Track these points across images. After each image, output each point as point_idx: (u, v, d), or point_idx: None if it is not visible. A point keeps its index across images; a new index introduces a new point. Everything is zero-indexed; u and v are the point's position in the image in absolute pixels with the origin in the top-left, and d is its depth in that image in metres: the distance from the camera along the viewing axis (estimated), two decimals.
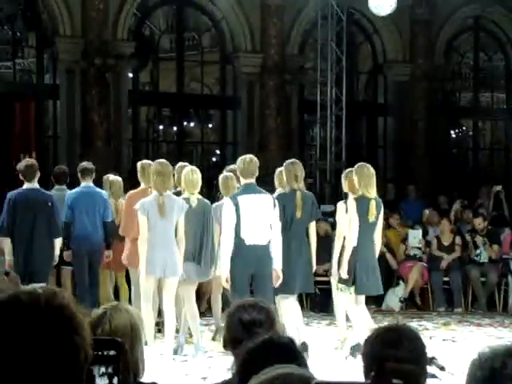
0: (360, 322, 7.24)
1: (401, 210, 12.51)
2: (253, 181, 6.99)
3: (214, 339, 7.91)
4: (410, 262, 11.17)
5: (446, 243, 11.27)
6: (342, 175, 7.82)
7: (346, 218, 7.31)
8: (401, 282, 11.14)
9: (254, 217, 6.82)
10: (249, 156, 7.21)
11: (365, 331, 6.28)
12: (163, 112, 21.63)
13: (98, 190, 8.70)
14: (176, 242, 7.02)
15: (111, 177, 9.35)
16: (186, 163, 7.96)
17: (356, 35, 16.54)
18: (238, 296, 6.17)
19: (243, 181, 7.04)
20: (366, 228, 7.22)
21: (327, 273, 10.91)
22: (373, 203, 7.24)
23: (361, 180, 7.27)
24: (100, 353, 1.35)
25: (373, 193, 7.26)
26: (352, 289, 7.31)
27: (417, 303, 11.14)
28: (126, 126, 14.05)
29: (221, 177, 7.80)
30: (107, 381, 1.38)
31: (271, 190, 7.77)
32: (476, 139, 17.98)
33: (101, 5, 13.01)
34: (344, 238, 7.41)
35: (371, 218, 7.24)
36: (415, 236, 11.31)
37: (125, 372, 1.39)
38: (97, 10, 12.98)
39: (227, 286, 6.90)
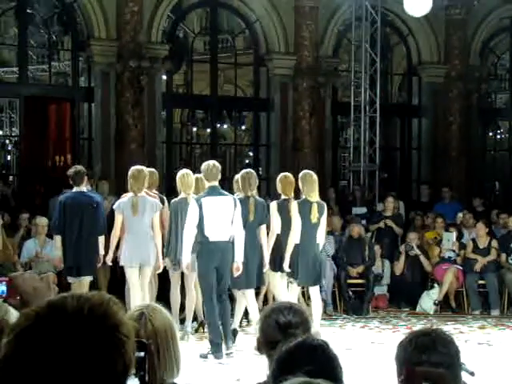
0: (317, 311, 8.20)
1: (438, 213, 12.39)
2: (216, 184, 7.74)
3: (197, 331, 8.74)
4: (444, 264, 11.08)
5: (481, 246, 11.15)
6: (278, 178, 8.65)
7: (277, 217, 8.30)
8: (435, 284, 11.05)
9: (217, 216, 7.58)
10: (212, 162, 7.95)
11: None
12: (197, 114, 21.79)
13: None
14: (151, 237, 8.08)
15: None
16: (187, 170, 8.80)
17: (390, 37, 16.45)
18: (207, 287, 7.51)
19: (207, 184, 7.79)
20: (308, 228, 8.20)
21: (361, 275, 10.89)
22: (315, 206, 8.26)
23: (304, 186, 8.31)
24: None
25: (315, 197, 8.29)
26: (297, 281, 8.38)
27: (451, 306, 11.03)
28: (159, 129, 14.14)
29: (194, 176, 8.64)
30: (138, 382, 1.38)
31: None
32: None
33: (135, 7, 13.11)
34: (278, 235, 8.39)
35: (313, 220, 8.23)
36: (449, 238, 11.21)
37: (152, 373, 1.39)
38: (131, 12, 13.08)
39: (187, 272, 7.89)
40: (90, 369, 1.27)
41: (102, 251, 8.48)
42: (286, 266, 8.26)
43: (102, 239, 8.52)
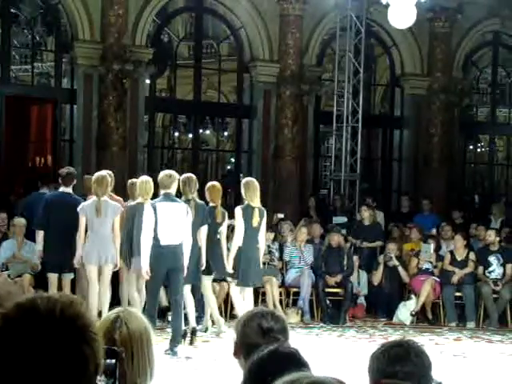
0: (241, 309, 8.47)
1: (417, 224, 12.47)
2: (170, 191, 8.19)
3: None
4: (422, 276, 11.14)
5: (459, 258, 11.23)
6: (207, 187, 9.28)
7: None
8: (412, 295, 11.11)
9: (169, 221, 8.06)
10: (169, 171, 8.45)
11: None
12: (179, 119, 21.77)
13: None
14: (112, 238, 8.69)
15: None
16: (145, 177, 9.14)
17: (374, 47, 16.55)
18: (154, 287, 8.14)
19: (162, 191, 8.23)
20: (250, 231, 8.73)
21: (339, 284, 10.92)
22: (256, 211, 8.75)
23: (246, 192, 8.82)
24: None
25: (256, 202, 8.78)
26: (236, 281, 8.87)
27: (428, 317, 11.09)
28: (141, 133, 14.12)
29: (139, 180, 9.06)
30: None
31: None
32: (492, 154, 17.90)
33: (120, 10, 13.09)
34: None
35: (254, 224, 8.75)
36: (427, 250, 11.28)
37: (124, 379, 1.41)
38: (116, 15, 13.06)
39: (147, 277, 8.13)
40: (65, 369, 1.28)
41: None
42: (229, 267, 8.85)
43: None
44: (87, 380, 1.31)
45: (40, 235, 9.14)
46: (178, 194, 8.59)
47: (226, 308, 10.25)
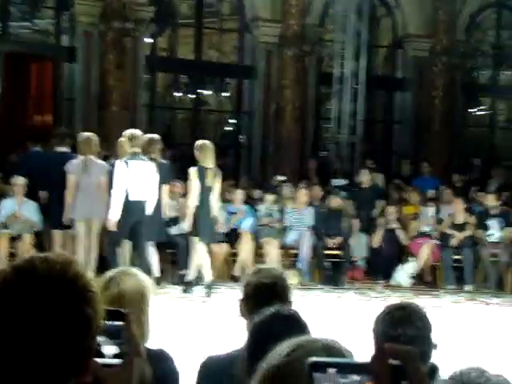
0: (198, 264, 9.20)
1: (416, 187, 12.47)
2: (138, 150, 8.77)
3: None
4: (421, 238, 11.17)
5: (458, 221, 11.25)
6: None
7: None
8: (411, 258, 11.15)
9: (138, 178, 8.63)
10: (135, 130, 9.07)
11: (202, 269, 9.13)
12: (180, 79, 21.57)
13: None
14: (100, 195, 9.02)
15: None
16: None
17: (377, 8, 16.36)
18: (119, 238, 8.70)
19: (131, 149, 8.77)
20: (205, 191, 9.14)
21: (338, 247, 10.96)
22: (210, 171, 9.15)
23: (200, 154, 9.21)
24: (105, 323, 1.36)
25: (209, 163, 9.16)
26: (197, 238, 9.18)
27: (426, 280, 11.15)
28: (142, 92, 14.02)
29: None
30: (114, 351, 1.39)
31: None
32: (493, 117, 17.82)
33: None
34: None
35: (208, 183, 9.16)
36: (427, 213, 11.29)
37: (131, 341, 1.40)
38: None
39: (114, 228, 8.70)
40: (67, 331, 1.27)
41: None
42: (186, 225, 9.32)
43: None
44: (89, 341, 1.30)
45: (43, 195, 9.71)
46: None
47: (228, 269, 10.30)
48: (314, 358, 1.11)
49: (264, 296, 2.69)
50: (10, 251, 9.32)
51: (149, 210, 8.83)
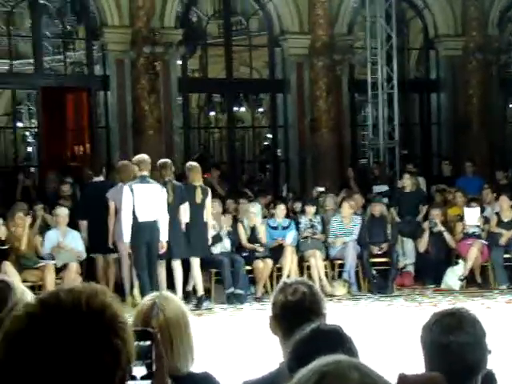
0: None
1: (460, 188, 12.22)
2: (146, 173, 9.26)
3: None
4: (468, 240, 10.93)
5: (505, 219, 10.98)
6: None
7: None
8: (460, 260, 10.91)
9: (145, 200, 9.07)
10: (143, 156, 9.51)
11: None
12: (213, 98, 21.70)
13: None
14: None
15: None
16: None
17: (406, 11, 16.20)
18: (138, 258, 9.11)
19: (139, 173, 9.26)
20: (194, 208, 9.67)
21: (384, 254, 10.79)
22: (198, 189, 9.74)
23: (190, 174, 9.88)
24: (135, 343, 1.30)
25: (198, 182, 9.82)
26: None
27: (477, 282, 10.89)
28: (176, 114, 14.06)
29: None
30: (143, 372, 1.33)
31: None
32: None
33: None
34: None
35: (198, 200, 9.70)
36: (472, 213, 11.05)
37: (159, 362, 1.33)
38: None
39: (128, 251, 9.24)
40: (96, 365, 1.20)
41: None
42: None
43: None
44: (120, 372, 1.23)
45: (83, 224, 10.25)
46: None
47: (272, 283, 10.20)
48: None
49: (293, 314, 2.59)
50: (56, 282, 9.36)
51: (163, 230, 9.18)
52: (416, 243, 11.27)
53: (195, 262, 9.75)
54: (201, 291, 9.71)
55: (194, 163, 10.18)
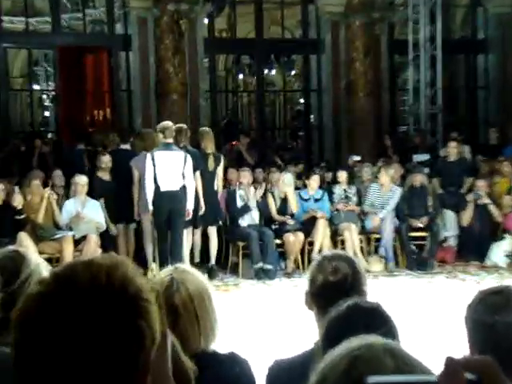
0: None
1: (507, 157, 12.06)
2: (170, 140, 9.26)
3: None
4: None
5: None
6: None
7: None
8: (506, 235, 10.80)
9: (167, 168, 9.14)
10: (166, 122, 9.46)
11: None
12: (242, 60, 21.58)
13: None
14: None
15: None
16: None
17: None
18: (159, 228, 9.26)
19: (163, 140, 9.27)
20: (207, 175, 9.86)
21: (424, 227, 10.71)
22: (211, 157, 9.94)
23: (201, 139, 10.04)
24: None
25: (210, 149, 10.00)
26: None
27: None
28: (202, 77, 14.02)
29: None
30: None
31: None
32: None
33: None
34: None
35: (210, 168, 9.93)
36: None
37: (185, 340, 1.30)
38: None
39: (151, 218, 9.37)
40: (118, 350, 1.16)
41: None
42: (201, 211, 9.85)
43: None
44: (144, 357, 1.19)
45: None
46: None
47: (303, 258, 10.21)
48: (375, 379, 0.99)
49: (332, 294, 2.57)
50: (75, 255, 9.43)
51: (189, 197, 9.31)
52: (459, 216, 11.17)
53: (211, 232, 10.03)
54: (212, 261, 9.97)
55: (207, 129, 10.33)
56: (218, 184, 10.12)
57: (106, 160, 10.29)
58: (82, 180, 10.05)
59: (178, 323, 2.42)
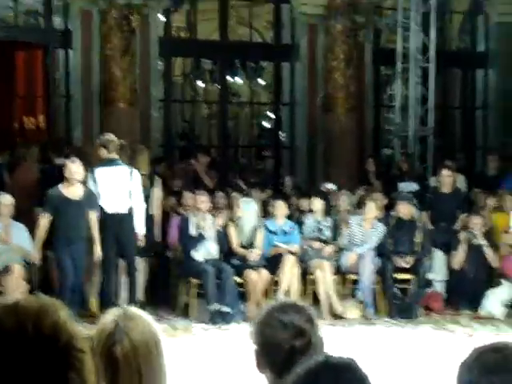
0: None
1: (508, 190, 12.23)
2: (114, 156, 9.53)
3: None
4: None
5: None
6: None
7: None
8: (503, 281, 10.94)
9: (112, 187, 9.36)
10: (111, 135, 9.78)
11: None
12: (203, 65, 21.67)
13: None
14: None
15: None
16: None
17: None
18: (104, 259, 9.39)
19: (107, 156, 9.51)
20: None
21: (409, 268, 10.79)
22: (144, 178, 10.18)
23: (135, 157, 10.39)
24: None
25: (144, 170, 10.28)
26: None
27: None
28: (155, 83, 14.06)
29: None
30: None
31: None
32: None
33: None
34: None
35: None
36: None
37: None
38: None
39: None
40: None
41: None
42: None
43: None
44: None
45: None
46: None
47: (267, 301, 10.22)
48: None
49: (281, 355, 2.57)
50: None
51: (138, 220, 9.58)
52: (449, 257, 11.28)
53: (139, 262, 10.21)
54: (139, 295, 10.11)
55: (142, 146, 10.84)
56: (153, 208, 10.37)
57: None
58: (6, 200, 9.98)
59: (117, 379, 2.40)
